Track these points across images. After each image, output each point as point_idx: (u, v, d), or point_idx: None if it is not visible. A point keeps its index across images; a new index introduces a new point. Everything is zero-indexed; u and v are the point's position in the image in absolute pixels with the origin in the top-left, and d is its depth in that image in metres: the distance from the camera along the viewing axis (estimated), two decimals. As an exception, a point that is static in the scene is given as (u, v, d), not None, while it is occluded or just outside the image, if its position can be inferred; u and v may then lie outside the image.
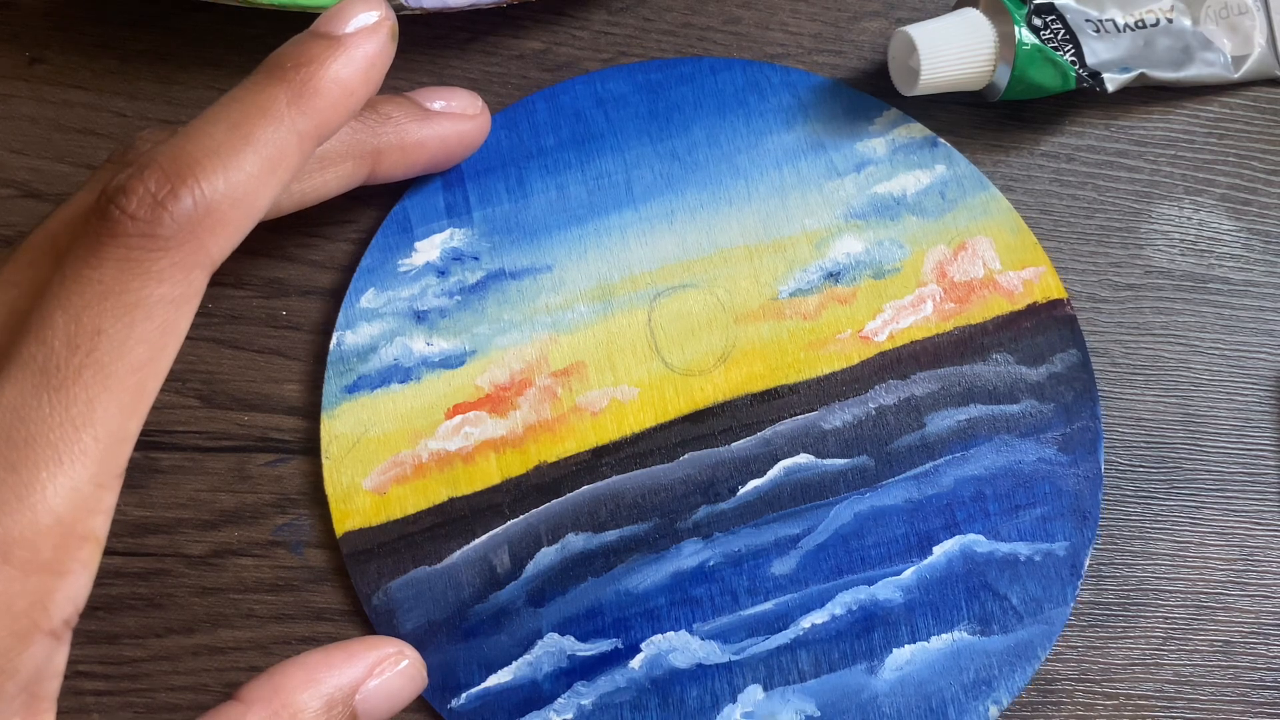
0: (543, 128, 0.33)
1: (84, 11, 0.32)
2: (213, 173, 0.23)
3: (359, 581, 0.29)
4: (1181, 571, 0.32)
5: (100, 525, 0.22)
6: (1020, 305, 0.33)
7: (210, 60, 0.32)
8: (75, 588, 0.22)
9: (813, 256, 0.33)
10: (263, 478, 0.30)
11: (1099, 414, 0.32)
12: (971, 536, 0.31)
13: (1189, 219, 0.35)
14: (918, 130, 0.34)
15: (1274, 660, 0.32)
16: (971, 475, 0.31)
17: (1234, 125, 0.36)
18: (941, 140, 0.34)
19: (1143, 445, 0.33)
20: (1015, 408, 0.32)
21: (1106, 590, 0.32)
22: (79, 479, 0.21)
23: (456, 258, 0.32)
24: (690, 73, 0.34)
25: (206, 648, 0.29)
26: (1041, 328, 0.33)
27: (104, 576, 0.29)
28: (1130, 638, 0.32)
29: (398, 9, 0.31)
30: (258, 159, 0.24)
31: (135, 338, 0.22)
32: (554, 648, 0.29)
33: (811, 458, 0.31)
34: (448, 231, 0.32)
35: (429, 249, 0.32)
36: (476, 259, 0.32)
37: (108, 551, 0.29)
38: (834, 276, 0.32)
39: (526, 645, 0.29)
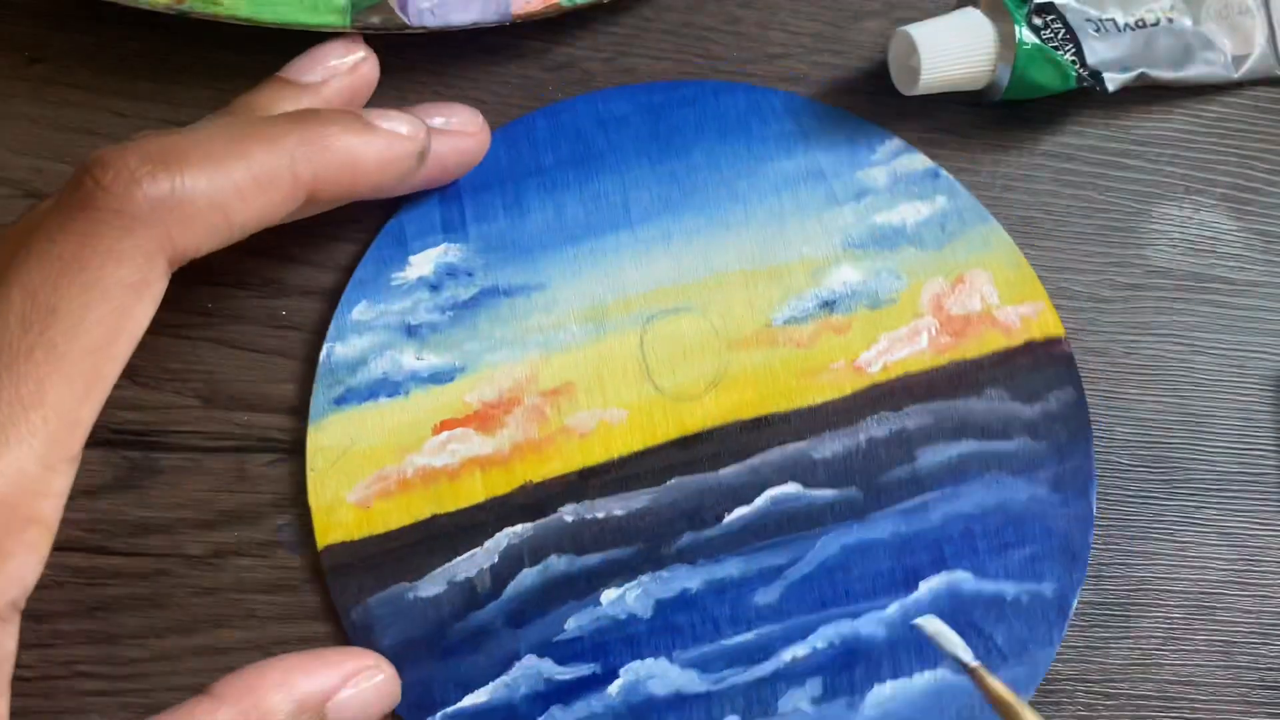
0: (542, 146, 0.33)
1: (83, 11, 0.32)
2: (199, 170, 0.23)
3: (338, 595, 0.29)
4: (1181, 571, 0.32)
5: (49, 509, 0.22)
6: (1017, 341, 0.32)
7: (210, 60, 0.32)
8: (20, 571, 0.21)
9: (809, 284, 0.32)
10: (263, 478, 0.30)
11: (1092, 454, 0.32)
12: (959, 574, 0.30)
13: (1189, 219, 0.35)
14: (920, 161, 0.34)
15: (1274, 660, 0.32)
16: (961, 511, 0.31)
17: (1235, 125, 0.36)
18: (943, 172, 0.33)
19: (1143, 445, 0.33)
20: (1008, 445, 0.32)
21: (1106, 590, 0.32)
22: (25, 460, 0.21)
23: (450, 273, 0.31)
24: (693, 95, 0.33)
25: (206, 648, 0.29)
26: (1038, 365, 0.32)
27: (104, 576, 0.29)
28: (1130, 638, 0.32)
29: (400, 28, 0.31)
30: (248, 174, 0.24)
31: (91, 319, 0.22)
32: (532, 670, 0.29)
33: (800, 487, 0.31)
34: (442, 246, 0.31)
35: (423, 263, 0.31)
36: (470, 275, 0.31)
37: (108, 551, 0.29)
38: (829, 305, 0.32)
39: (504, 666, 0.29)
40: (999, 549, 0.31)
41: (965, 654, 0.29)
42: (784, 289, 0.32)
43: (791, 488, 0.31)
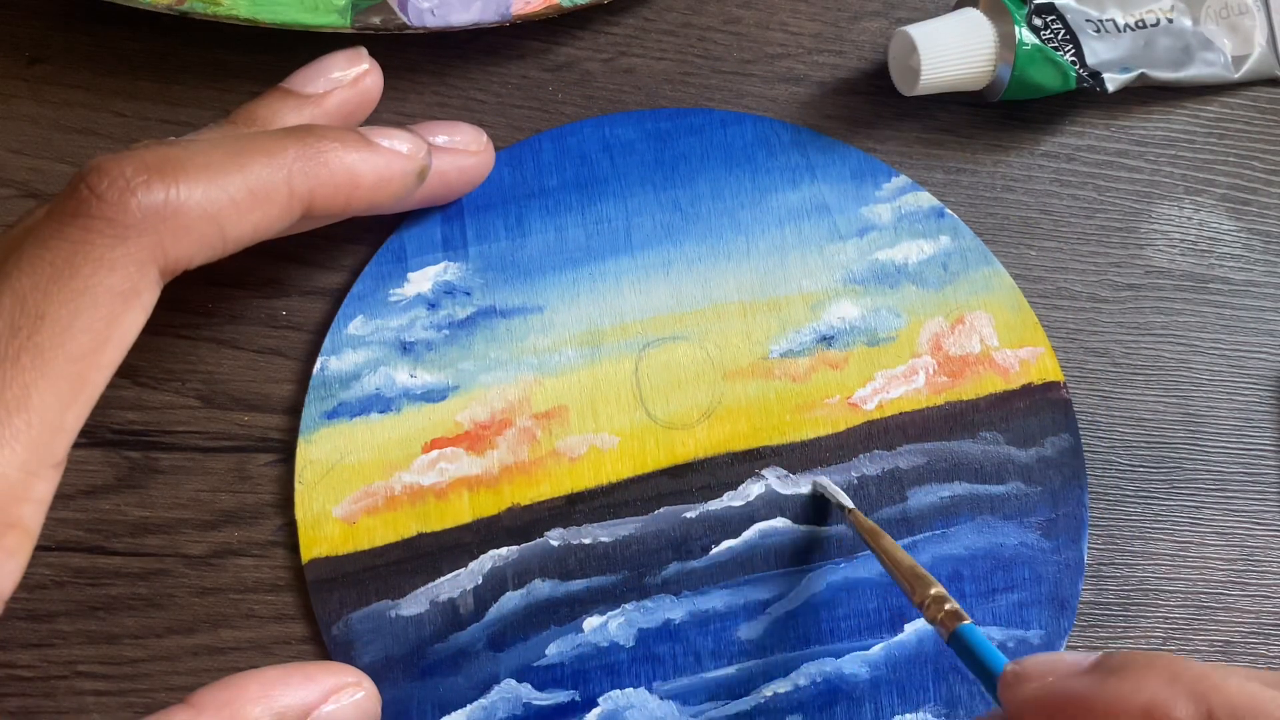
0: (547, 168, 0.32)
1: (83, 11, 0.32)
2: (194, 180, 0.23)
3: (320, 610, 0.29)
4: (1181, 571, 0.32)
5: (30, 514, 0.22)
6: (1015, 385, 0.32)
7: (210, 60, 0.32)
8: None
9: (807, 318, 0.32)
10: (263, 478, 0.30)
11: (1085, 502, 0.32)
12: None
13: (1189, 219, 0.35)
14: (925, 199, 0.33)
15: (1274, 660, 0.32)
16: (950, 554, 0.31)
17: (1234, 125, 0.36)
18: (948, 211, 0.33)
19: (1143, 445, 0.33)
20: (1001, 489, 0.31)
21: (1106, 590, 0.32)
22: (6, 465, 0.21)
23: (448, 291, 0.31)
24: (700, 124, 0.33)
25: (206, 648, 0.29)
26: (1034, 409, 0.32)
27: (104, 576, 0.29)
28: (1130, 638, 0.32)
29: (400, 28, 0.31)
30: (244, 187, 0.24)
31: (79, 326, 0.22)
32: (510, 694, 0.29)
33: (788, 522, 0.31)
34: (442, 264, 0.31)
35: (421, 280, 0.31)
36: (468, 294, 0.31)
37: (108, 551, 0.29)
38: (827, 340, 0.32)
39: (483, 689, 0.29)
40: (987, 594, 0.31)
41: (846, 501, 0.30)
42: (782, 322, 0.32)
43: (780, 522, 0.31)
